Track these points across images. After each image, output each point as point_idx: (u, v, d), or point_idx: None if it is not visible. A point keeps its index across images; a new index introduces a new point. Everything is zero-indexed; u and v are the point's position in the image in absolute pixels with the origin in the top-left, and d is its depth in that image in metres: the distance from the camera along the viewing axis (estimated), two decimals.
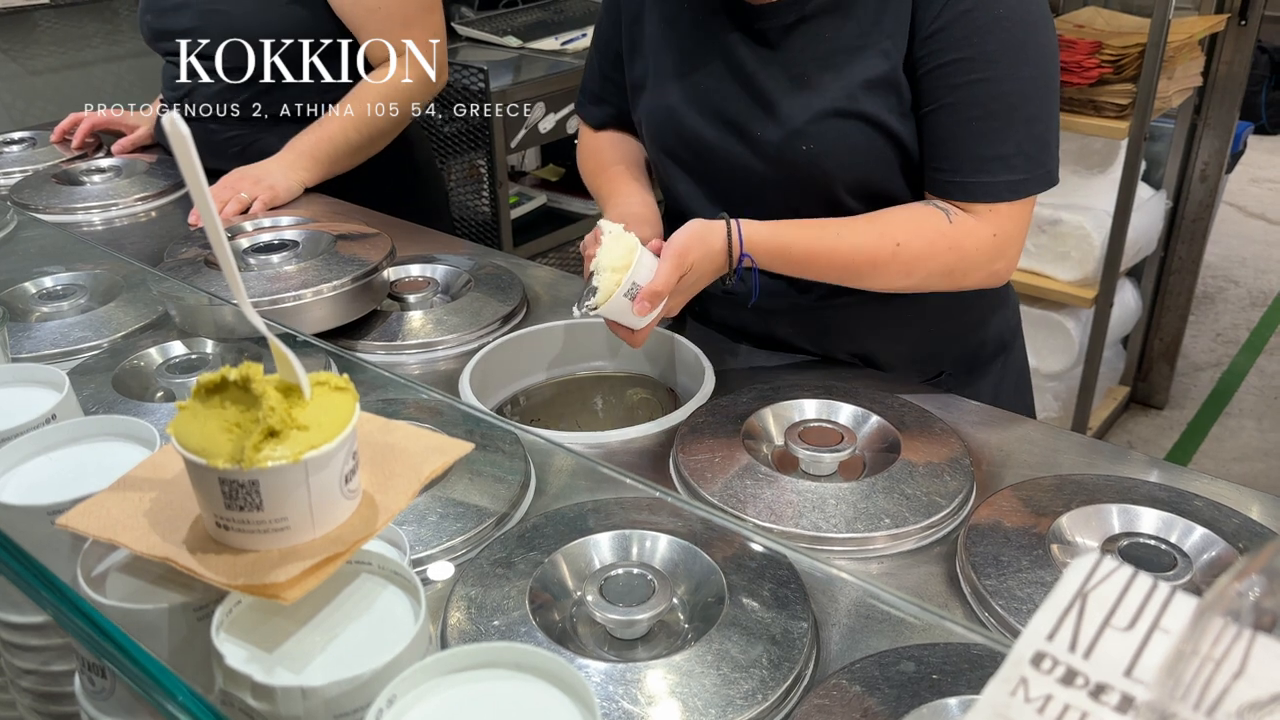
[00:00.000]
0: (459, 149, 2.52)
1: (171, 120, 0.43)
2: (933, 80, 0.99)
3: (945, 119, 0.99)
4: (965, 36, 0.96)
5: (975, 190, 1.00)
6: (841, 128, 1.01)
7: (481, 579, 0.76)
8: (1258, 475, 2.79)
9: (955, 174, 1.01)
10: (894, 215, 1.03)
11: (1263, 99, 5.21)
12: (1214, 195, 2.77)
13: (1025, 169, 1.00)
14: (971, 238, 1.01)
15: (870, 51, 1.00)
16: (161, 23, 1.57)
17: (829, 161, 1.03)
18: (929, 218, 1.01)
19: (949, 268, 1.02)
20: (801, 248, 1.01)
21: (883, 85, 1.00)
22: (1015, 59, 0.97)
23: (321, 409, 0.51)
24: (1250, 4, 2.56)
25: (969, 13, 0.96)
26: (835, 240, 1.01)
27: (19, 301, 1.20)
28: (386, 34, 1.53)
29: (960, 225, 1.01)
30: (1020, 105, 0.98)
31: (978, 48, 0.96)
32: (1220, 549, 0.81)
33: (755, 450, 0.95)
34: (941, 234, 1.01)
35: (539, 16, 2.84)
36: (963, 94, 0.98)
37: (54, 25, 2.59)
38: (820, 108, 1.01)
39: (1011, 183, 1.00)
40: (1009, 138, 0.99)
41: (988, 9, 0.96)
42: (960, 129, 0.99)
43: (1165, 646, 0.37)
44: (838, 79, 1.01)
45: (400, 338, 1.19)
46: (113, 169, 1.66)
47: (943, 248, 1.01)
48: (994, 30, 0.96)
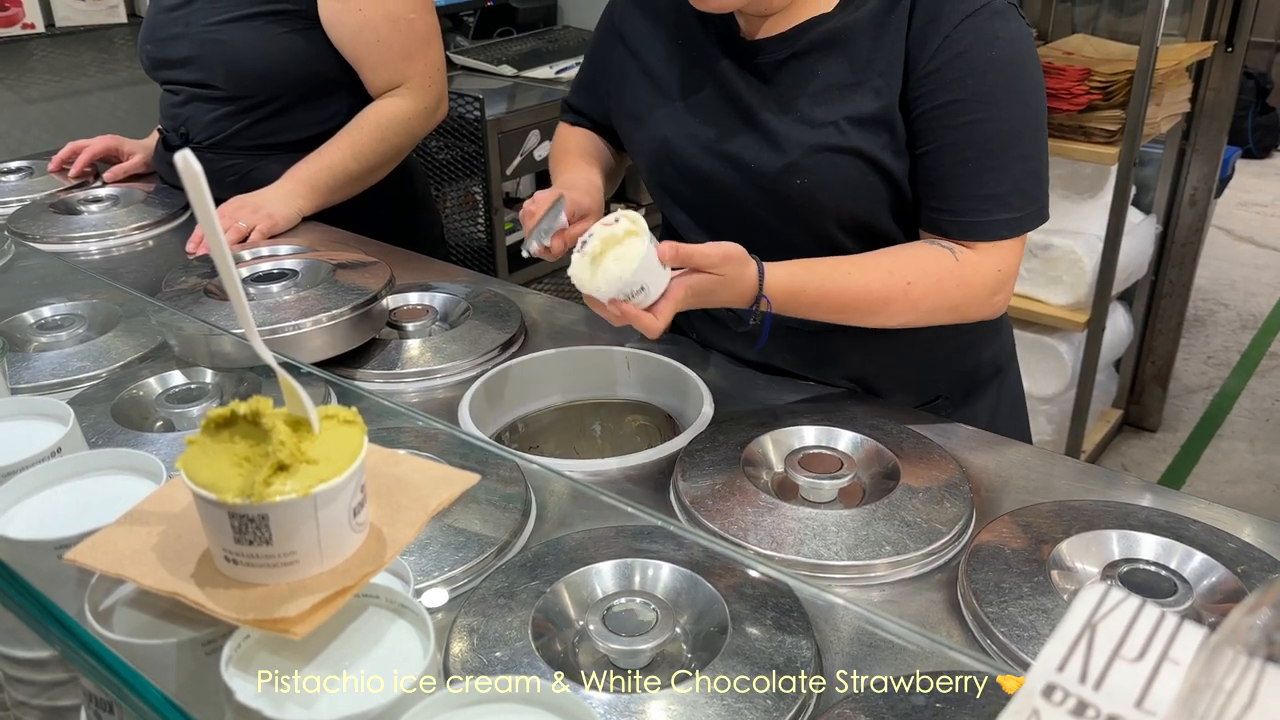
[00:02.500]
0: (454, 176, 2.53)
1: (185, 159, 0.44)
2: (928, 121, 1.00)
3: (942, 159, 1.01)
4: (960, 78, 0.98)
5: (976, 229, 1.02)
6: (835, 162, 1.02)
7: (483, 609, 0.76)
8: (1251, 497, 2.80)
9: (955, 214, 1.02)
10: (902, 254, 1.04)
11: (1249, 124, 5.26)
12: (1203, 219, 2.79)
13: (1021, 206, 1.01)
14: (977, 275, 1.03)
15: (863, 89, 1.01)
16: (161, 52, 1.58)
17: (822, 195, 1.04)
18: (936, 256, 1.02)
19: (955, 304, 1.04)
20: (815, 289, 1.01)
21: (875, 122, 1.01)
22: (1009, 98, 0.99)
23: (330, 442, 0.51)
24: (1237, 31, 2.59)
25: (964, 54, 0.97)
26: (846, 280, 1.01)
27: (17, 332, 1.20)
28: (386, 66, 1.54)
29: (965, 263, 1.02)
30: (1015, 144, 1.00)
31: (972, 89, 0.98)
32: (1219, 574, 0.82)
33: (755, 477, 0.96)
34: (949, 272, 1.02)
35: (534, 45, 2.86)
36: (960, 134, 0.99)
37: (49, 54, 2.60)
38: (814, 142, 1.02)
39: (1009, 221, 1.01)
40: (1006, 177, 1.00)
41: (982, 51, 0.98)
42: (958, 169, 1.00)
43: (1175, 677, 0.37)
44: (830, 114, 1.02)
45: (399, 366, 1.19)
46: (110, 198, 1.66)
47: (950, 285, 1.02)
48: (988, 71, 0.98)
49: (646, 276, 0.91)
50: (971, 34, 0.97)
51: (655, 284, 0.92)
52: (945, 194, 1.02)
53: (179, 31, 1.54)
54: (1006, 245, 1.03)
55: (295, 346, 1.15)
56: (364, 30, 1.50)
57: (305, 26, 1.50)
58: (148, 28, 1.61)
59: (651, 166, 1.16)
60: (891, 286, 1.01)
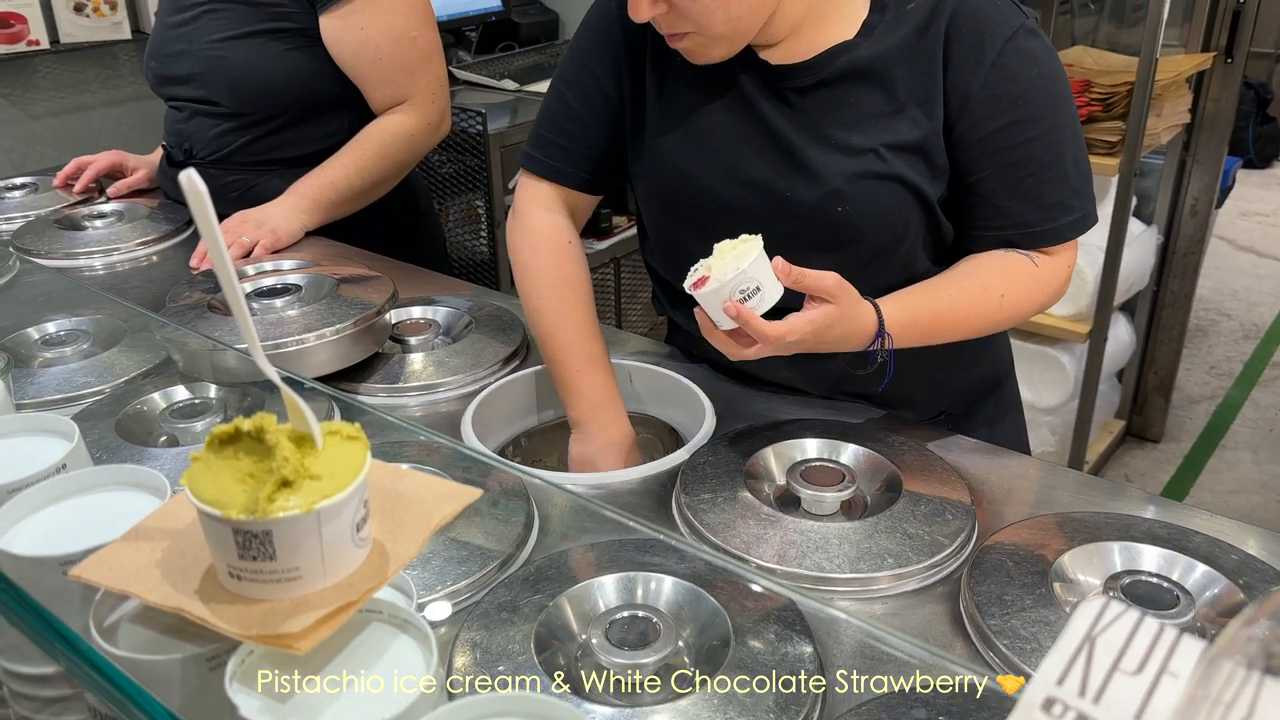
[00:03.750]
0: (457, 190, 2.54)
1: (189, 178, 0.44)
2: (984, 146, 1.02)
3: (1003, 181, 1.03)
4: (1014, 100, 1.00)
5: (1048, 236, 1.05)
6: (877, 189, 1.02)
7: (486, 623, 0.76)
8: (1255, 508, 2.80)
9: (1024, 226, 1.04)
10: (989, 269, 1.06)
11: (1250, 134, 5.27)
12: (1204, 230, 2.79)
13: (1080, 206, 1.05)
14: (1056, 277, 1.07)
15: (901, 118, 1.01)
16: (165, 68, 1.59)
17: (864, 222, 1.04)
18: (1020, 266, 1.05)
19: (1040, 306, 1.08)
20: (925, 318, 1.01)
21: (914, 151, 1.02)
22: (1055, 111, 1.02)
23: (333, 458, 0.51)
24: (1236, 42, 2.60)
25: (1013, 77, 1.00)
26: (950, 304, 1.03)
27: (22, 347, 1.20)
28: (389, 83, 1.55)
29: (1045, 267, 1.06)
30: (1067, 152, 1.03)
31: (1024, 109, 1.00)
32: (1222, 586, 0.82)
33: (757, 490, 0.96)
34: (1034, 278, 1.06)
35: (535, 60, 2.88)
36: (1018, 154, 1.01)
37: (54, 70, 2.62)
38: (856, 169, 1.02)
39: (1073, 223, 1.05)
40: (1064, 183, 1.04)
41: (1027, 70, 1.00)
42: (1022, 185, 1.03)
43: (1174, 690, 0.37)
44: (869, 141, 1.02)
45: (402, 380, 1.19)
46: (114, 214, 1.67)
47: (1036, 291, 1.06)
48: (1034, 89, 1.01)
49: (762, 275, 0.89)
50: (1015, 56, 1.00)
51: (771, 288, 0.90)
52: (1011, 211, 1.04)
53: (183, 48, 1.55)
54: (1069, 245, 1.07)
55: (299, 361, 1.15)
56: (366, 48, 1.51)
57: (307, 44, 1.51)
58: (153, 44, 1.62)
59: (666, 199, 1.13)
60: (988, 300, 1.04)
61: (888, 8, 1.02)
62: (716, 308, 0.90)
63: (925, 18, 1.00)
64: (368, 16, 1.49)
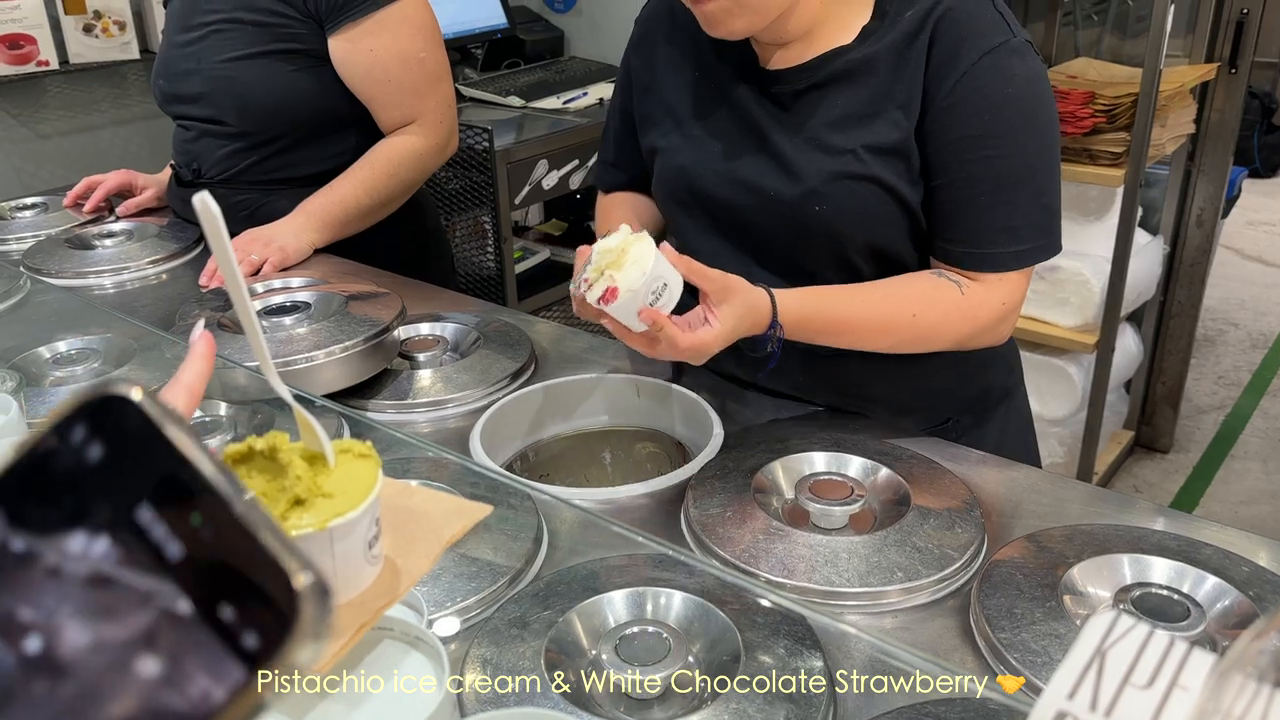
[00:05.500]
0: (464, 206, 2.55)
1: (203, 201, 0.45)
2: (944, 154, 1.01)
3: (957, 192, 1.02)
4: (977, 113, 0.99)
5: (985, 261, 1.03)
6: (854, 189, 1.03)
7: (496, 639, 0.77)
8: (1265, 518, 2.79)
9: (965, 244, 1.04)
10: (909, 286, 1.05)
11: (1255, 143, 5.27)
12: (1211, 239, 2.79)
13: (1031, 239, 1.03)
14: (983, 308, 1.04)
15: (881, 119, 1.03)
16: (173, 87, 1.60)
17: (841, 221, 1.05)
18: (943, 290, 1.04)
19: (961, 337, 1.06)
20: (824, 317, 1.02)
21: (892, 152, 1.02)
22: (1025, 134, 1.00)
23: (345, 476, 0.52)
24: (1240, 52, 2.61)
25: (980, 90, 0.99)
26: (853, 308, 1.03)
27: (33, 366, 1.21)
28: (397, 104, 1.56)
29: (971, 296, 1.04)
30: (1029, 179, 1.01)
31: (989, 124, 0.99)
32: (1232, 598, 0.81)
33: (766, 504, 0.96)
34: (955, 305, 1.04)
35: (541, 77, 2.89)
36: (974, 169, 1.01)
37: (63, 90, 2.64)
38: (833, 169, 1.03)
39: (1019, 253, 1.03)
40: (1018, 210, 1.01)
41: (999, 87, 0.99)
42: (971, 202, 1.02)
43: (1185, 704, 0.37)
44: (848, 142, 1.03)
45: (411, 396, 1.20)
46: (124, 233, 1.68)
47: (956, 318, 1.04)
48: (1004, 107, 0.99)
49: (665, 271, 0.90)
50: (989, 71, 0.99)
51: (674, 280, 0.91)
52: (957, 225, 1.04)
53: (190, 67, 1.56)
54: (1012, 277, 1.04)
55: (309, 379, 1.16)
56: (375, 70, 1.52)
57: (315, 64, 1.52)
58: (160, 62, 1.63)
59: (671, 195, 1.17)
60: (898, 316, 1.03)
61: (887, 15, 1.04)
62: (632, 316, 0.91)
63: (916, 24, 1.01)
64: (377, 38, 1.50)
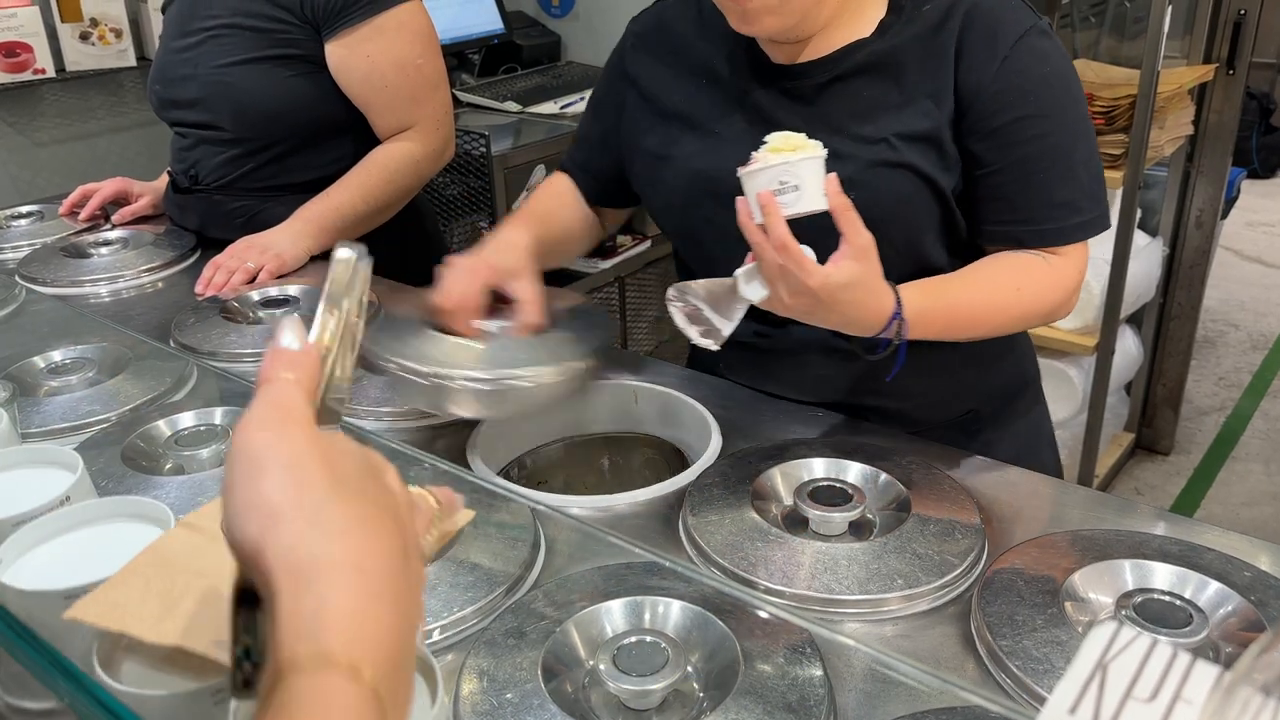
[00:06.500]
0: (461, 211, 2.55)
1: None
2: (996, 139, 1.02)
3: (1013, 175, 1.03)
4: (1023, 95, 1.01)
5: (1055, 235, 1.05)
6: (889, 176, 1.03)
7: (493, 650, 0.76)
8: (1267, 519, 2.78)
9: (1031, 223, 1.05)
10: (1004, 263, 1.06)
11: (1254, 144, 5.27)
12: (1210, 241, 2.79)
13: (1090, 209, 1.06)
14: (1067, 277, 1.06)
15: (911, 109, 1.03)
16: (169, 93, 1.60)
17: (877, 210, 1.01)
18: (1033, 262, 1.06)
19: (1053, 307, 1.07)
20: (944, 307, 1.01)
21: (925, 141, 1.03)
22: (1065, 108, 1.03)
23: None
24: (1238, 53, 2.60)
25: (1023, 71, 1.01)
26: (968, 294, 1.03)
27: (27, 376, 1.21)
28: (394, 110, 1.55)
29: (1057, 267, 1.06)
30: (1076, 149, 1.04)
31: (1036, 104, 1.02)
32: (1235, 604, 0.81)
33: (764, 511, 0.95)
34: (1047, 275, 1.06)
35: (538, 82, 2.89)
36: (1027, 149, 1.02)
37: (59, 98, 2.63)
38: (869, 158, 1.03)
39: (1082, 223, 1.05)
40: (1074, 183, 1.04)
41: (1038, 66, 1.02)
42: (1030, 180, 1.03)
43: (1188, 718, 0.37)
44: (879, 131, 1.03)
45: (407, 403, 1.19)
46: (120, 241, 1.67)
47: (1049, 288, 1.06)
48: (1047, 85, 1.02)
49: (807, 177, 0.85)
50: (1026, 53, 1.01)
51: (811, 196, 0.85)
52: (1019, 206, 1.05)
53: (188, 73, 1.55)
54: (1079, 248, 1.07)
55: None
56: (372, 76, 1.52)
57: (313, 70, 1.52)
58: (157, 68, 1.63)
59: (685, 202, 1.15)
60: (1007, 294, 1.04)
61: (904, 9, 1.05)
62: (752, 193, 0.87)
63: (940, 16, 1.03)
64: (374, 44, 1.50)
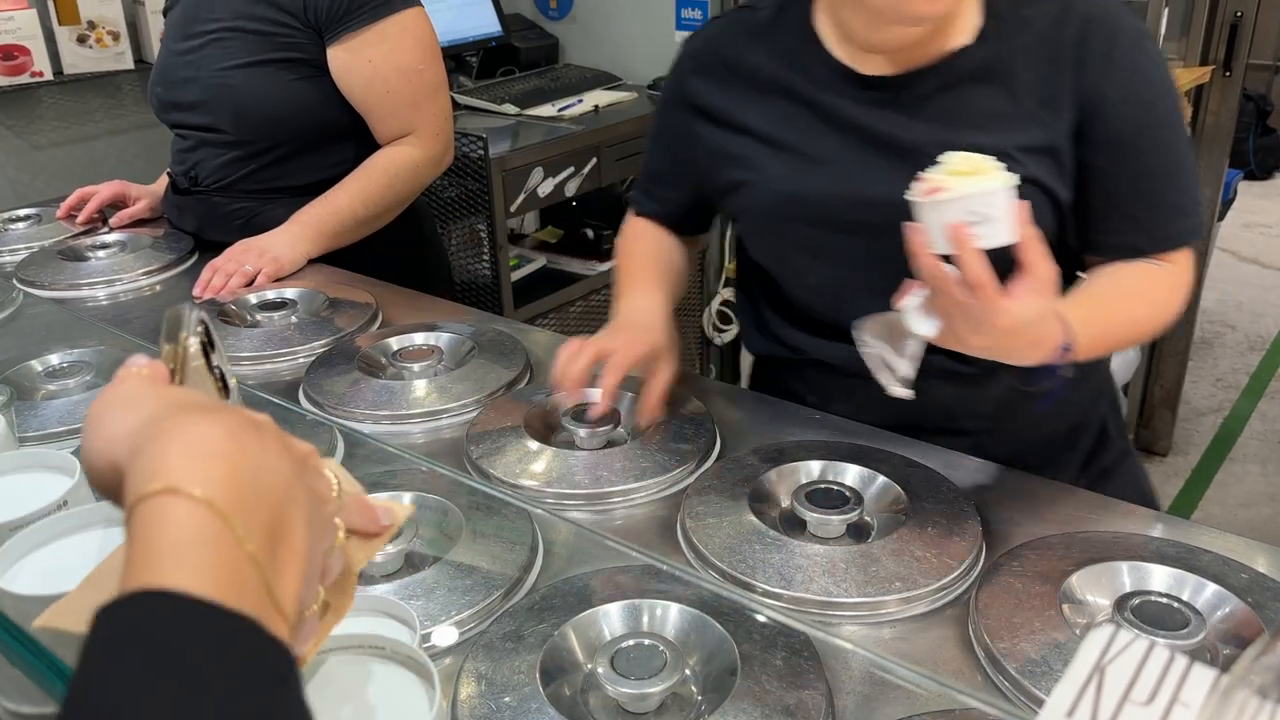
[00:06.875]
0: (459, 214, 2.55)
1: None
2: (1115, 152, 1.01)
3: (1131, 186, 1.02)
4: (1143, 107, 1.00)
5: (1173, 240, 1.04)
6: None
7: (490, 654, 0.76)
8: (1264, 521, 2.78)
9: (1149, 230, 1.03)
10: (1128, 276, 1.04)
11: (1251, 145, 5.28)
12: (1208, 242, 2.79)
13: (1194, 212, 1.05)
14: (1183, 282, 1.05)
15: (1027, 120, 1.01)
16: (170, 95, 1.60)
17: None
18: (1156, 272, 1.04)
19: (1176, 314, 1.05)
20: (1100, 326, 0.97)
21: (1043, 152, 1.00)
22: (1174, 115, 1.03)
23: None
24: (1234, 54, 2.61)
25: (1144, 83, 1.00)
26: (1118, 309, 1.01)
27: (24, 379, 1.21)
28: (395, 115, 1.55)
29: (1174, 274, 1.04)
30: (1186, 155, 1.04)
31: (1159, 110, 1.01)
32: (1232, 606, 0.81)
33: (762, 513, 0.95)
34: (1171, 284, 1.04)
35: (536, 84, 2.89)
36: (1149, 160, 1.02)
37: (57, 100, 2.63)
38: None
39: (1193, 226, 1.05)
40: (1183, 186, 1.04)
41: (1153, 71, 1.01)
42: (1146, 190, 1.02)
43: None
44: (999, 144, 0.97)
45: (405, 407, 1.19)
46: (117, 244, 1.67)
47: (1175, 296, 1.04)
48: (1163, 90, 1.02)
49: (1000, 210, 0.78)
50: (1143, 57, 1.01)
51: (1001, 229, 0.78)
52: (1137, 216, 1.03)
53: (190, 75, 1.55)
54: (1188, 252, 1.05)
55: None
56: (374, 81, 1.52)
57: (314, 74, 1.52)
58: (158, 70, 1.63)
59: (776, 226, 1.11)
60: (1145, 308, 1.03)
61: (1002, 15, 1.02)
62: (939, 223, 0.79)
63: (1050, 22, 1.01)
64: (376, 50, 1.50)
